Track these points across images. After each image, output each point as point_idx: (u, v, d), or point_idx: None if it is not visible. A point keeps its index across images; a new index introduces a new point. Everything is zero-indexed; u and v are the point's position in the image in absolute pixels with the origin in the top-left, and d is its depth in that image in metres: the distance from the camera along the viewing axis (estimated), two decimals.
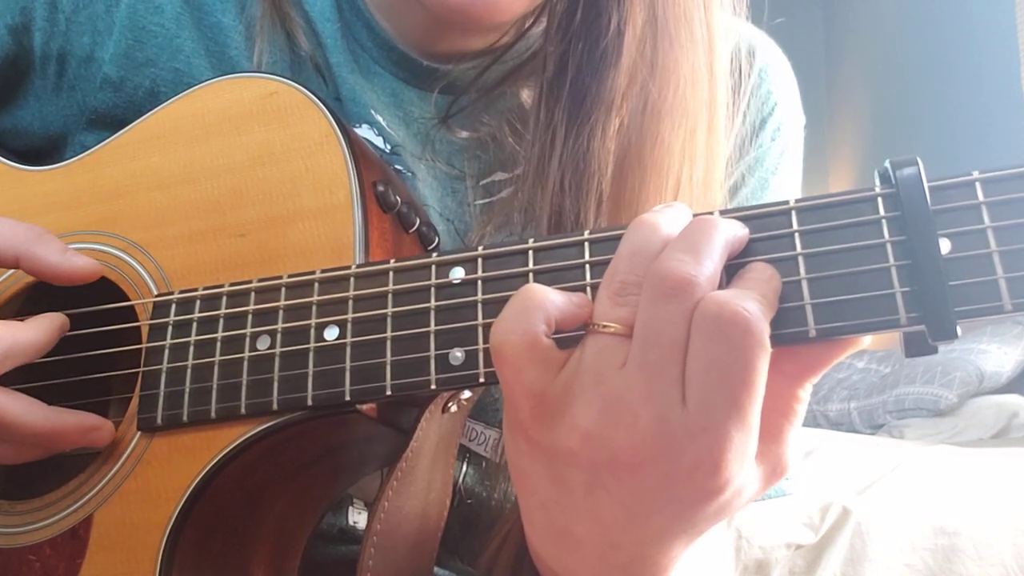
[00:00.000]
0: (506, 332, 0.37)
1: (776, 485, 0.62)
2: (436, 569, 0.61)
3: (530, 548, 0.45)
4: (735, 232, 0.38)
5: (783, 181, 0.68)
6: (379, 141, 0.61)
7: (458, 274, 0.44)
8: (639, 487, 0.37)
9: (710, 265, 0.36)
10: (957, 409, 2.62)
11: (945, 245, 0.36)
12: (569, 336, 0.38)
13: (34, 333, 0.49)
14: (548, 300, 0.37)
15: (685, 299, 0.35)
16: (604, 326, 0.37)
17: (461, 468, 0.60)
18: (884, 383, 2.87)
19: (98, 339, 0.53)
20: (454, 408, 0.49)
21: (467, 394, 0.49)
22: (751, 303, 0.35)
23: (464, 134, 0.62)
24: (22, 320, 0.50)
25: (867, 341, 0.39)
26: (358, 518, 0.61)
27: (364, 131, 0.61)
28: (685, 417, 0.35)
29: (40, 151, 0.65)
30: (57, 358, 0.52)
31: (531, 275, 0.42)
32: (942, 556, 1.59)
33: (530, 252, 0.42)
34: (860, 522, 1.60)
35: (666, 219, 0.38)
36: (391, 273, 0.45)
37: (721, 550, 0.57)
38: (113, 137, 0.57)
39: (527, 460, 0.39)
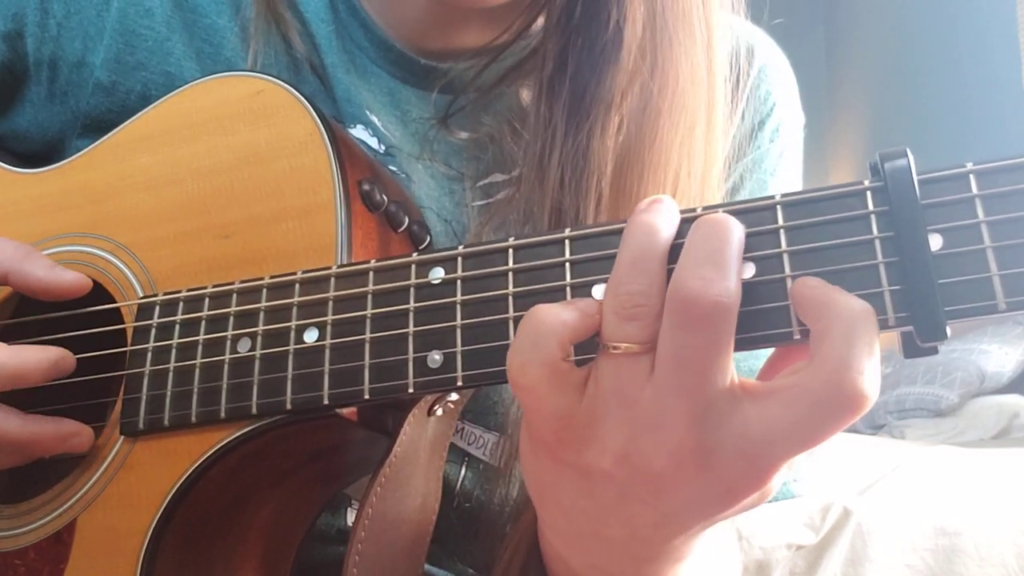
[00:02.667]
0: (523, 364, 0.36)
1: (785, 487, 0.61)
2: (435, 570, 0.61)
3: (546, 546, 0.45)
4: (742, 232, 0.36)
5: (782, 183, 0.67)
6: (373, 141, 0.61)
7: (438, 274, 0.43)
8: (678, 496, 0.36)
9: (734, 277, 0.34)
10: (958, 409, 2.62)
11: (936, 241, 0.35)
12: (588, 355, 0.37)
13: (22, 363, 0.48)
14: (560, 322, 0.36)
15: (717, 323, 0.34)
16: (615, 347, 0.35)
17: (460, 471, 0.60)
18: (885, 383, 2.86)
19: (85, 342, 0.52)
20: (440, 411, 0.48)
21: (454, 397, 0.49)
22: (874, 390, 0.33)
23: (463, 134, 0.62)
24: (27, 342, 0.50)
25: None
26: None
27: (358, 131, 0.61)
28: (741, 432, 0.34)
29: (40, 155, 0.65)
30: None
31: (511, 274, 0.41)
32: (943, 556, 1.58)
33: (510, 250, 0.41)
34: (861, 522, 1.59)
35: (663, 219, 0.37)
36: (371, 273, 0.44)
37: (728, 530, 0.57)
38: (105, 138, 0.57)
39: (551, 476, 0.39)
